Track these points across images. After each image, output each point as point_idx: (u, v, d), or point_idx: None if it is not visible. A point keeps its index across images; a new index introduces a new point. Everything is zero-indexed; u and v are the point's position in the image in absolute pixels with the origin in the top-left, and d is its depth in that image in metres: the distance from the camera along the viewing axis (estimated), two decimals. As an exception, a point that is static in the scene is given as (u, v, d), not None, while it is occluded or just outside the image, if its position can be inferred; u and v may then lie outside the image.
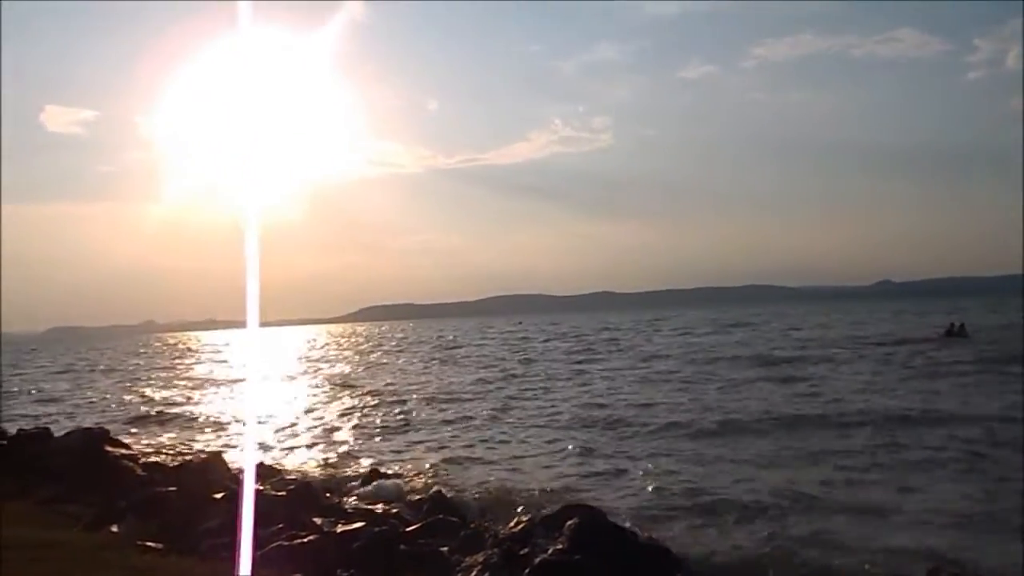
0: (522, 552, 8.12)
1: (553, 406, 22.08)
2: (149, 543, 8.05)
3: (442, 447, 16.47)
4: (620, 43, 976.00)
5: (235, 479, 10.86)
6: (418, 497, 11.34)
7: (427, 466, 14.26)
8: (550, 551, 7.92)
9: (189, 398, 29.52)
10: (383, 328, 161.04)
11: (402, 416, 21.57)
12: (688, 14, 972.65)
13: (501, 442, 16.85)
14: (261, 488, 10.52)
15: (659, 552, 8.27)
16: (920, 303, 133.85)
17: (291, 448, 16.96)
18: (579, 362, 38.51)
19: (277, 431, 19.11)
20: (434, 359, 47.68)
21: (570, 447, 15.73)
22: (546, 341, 63.65)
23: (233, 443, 17.51)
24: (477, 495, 11.89)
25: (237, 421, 21.35)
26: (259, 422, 19.77)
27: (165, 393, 31.75)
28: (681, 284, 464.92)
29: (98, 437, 13.37)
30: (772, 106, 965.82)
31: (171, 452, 16.53)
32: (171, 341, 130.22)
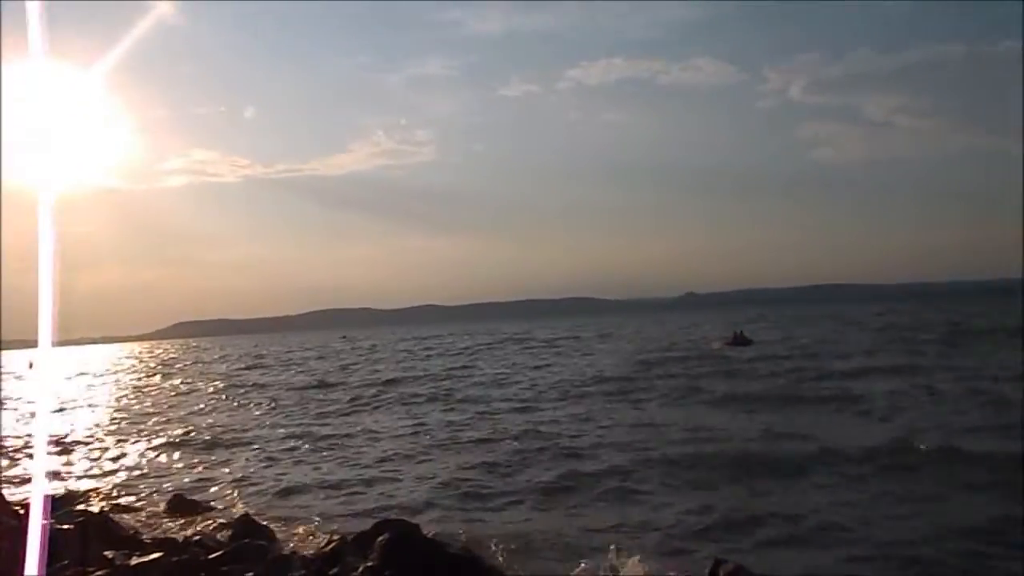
0: (332, 572, 7.98)
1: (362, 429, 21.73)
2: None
3: (246, 470, 15.78)
4: (443, 58, 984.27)
5: (12, 514, 9.88)
6: (223, 521, 10.84)
7: (233, 491, 13.63)
8: (360, 569, 7.84)
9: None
10: (190, 345, 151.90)
11: (205, 438, 20.46)
12: (510, 34, 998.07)
13: (303, 463, 16.38)
14: (46, 522, 9.64)
15: (469, 562, 8.39)
16: (719, 313, 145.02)
17: (84, 478, 15.64)
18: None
19: (68, 459, 17.56)
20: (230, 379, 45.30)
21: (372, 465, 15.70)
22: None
23: (9, 474, 15.91)
24: (289, 517, 11.53)
25: (17, 450, 19.33)
26: (47, 450, 18.05)
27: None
28: (505, 296, 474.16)
29: None
30: (587, 126, 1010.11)
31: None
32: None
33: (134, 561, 8.33)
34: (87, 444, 20.17)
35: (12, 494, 12.25)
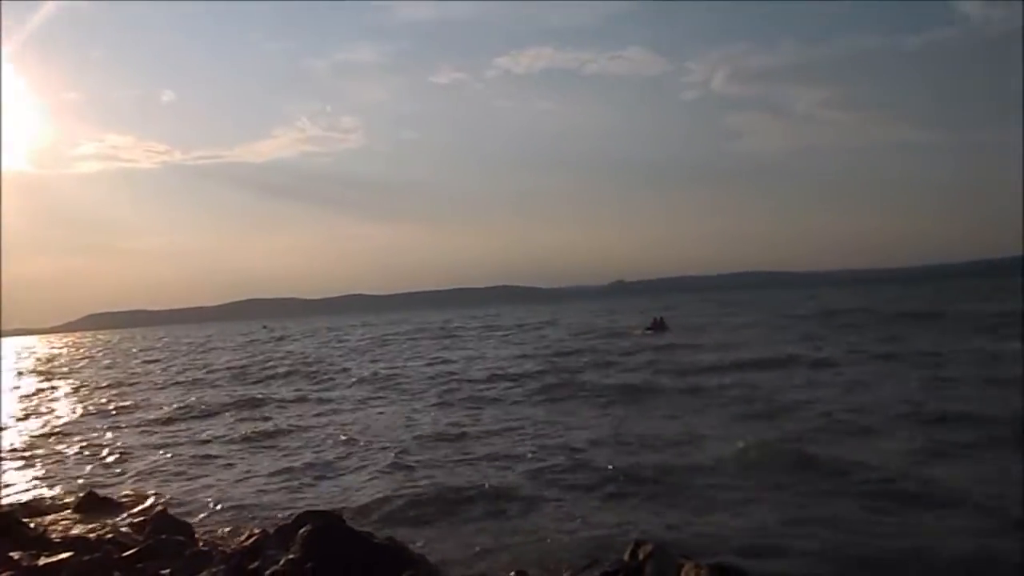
0: (252, 566, 7.83)
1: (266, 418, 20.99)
2: None
3: (162, 465, 15.26)
4: (371, 45, 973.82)
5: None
6: (140, 518, 10.51)
7: (151, 485, 13.24)
8: (282, 562, 7.71)
9: None
10: (97, 338, 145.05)
11: (118, 433, 19.77)
12: (439, 21, 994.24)
13: (222, 457, 15.93)
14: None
15: (395, 551, 8.33)
16: (647, 300, 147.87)
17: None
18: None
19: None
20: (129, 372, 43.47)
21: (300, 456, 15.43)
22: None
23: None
24: (208, 511, 11.29)
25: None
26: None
27: None
28: (434, 285, 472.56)
29: None
30: (516, 115, 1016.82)
31: None
32: None
33: (42, 561, 8.01)
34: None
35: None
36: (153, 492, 12.68)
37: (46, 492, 13.18)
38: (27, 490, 13.41)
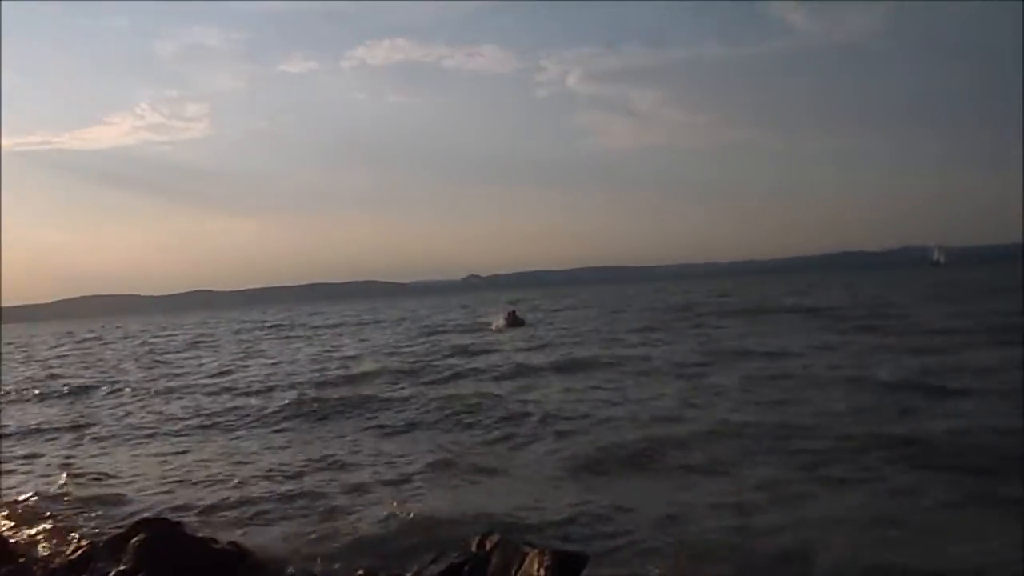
0: (79, 580, 7.41)
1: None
2: None
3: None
4: (220, 29, 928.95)
5: None
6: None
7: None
8: (111, 574, 7.35)
9: None
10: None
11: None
12: (293, 8, 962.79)
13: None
14: None
15: (236, 555, 8.11)
16: (502, 295, 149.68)
17: None
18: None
19: None
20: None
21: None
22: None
23: None
24: (33, 526, 10.50)
25: None
26: None
27: None
28: (285, 281, 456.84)
29: None
30: (371, 107, 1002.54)
31: None
32: None
33: None
34: None
35: None
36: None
37: None
38: None
